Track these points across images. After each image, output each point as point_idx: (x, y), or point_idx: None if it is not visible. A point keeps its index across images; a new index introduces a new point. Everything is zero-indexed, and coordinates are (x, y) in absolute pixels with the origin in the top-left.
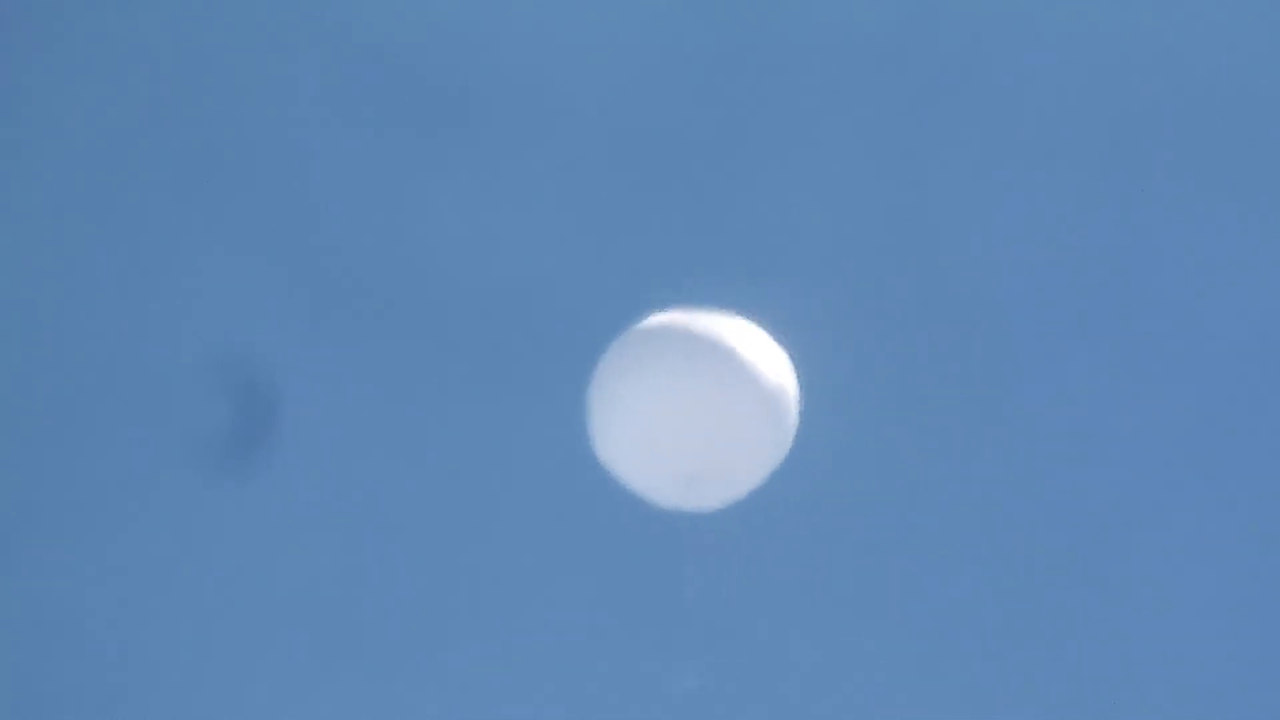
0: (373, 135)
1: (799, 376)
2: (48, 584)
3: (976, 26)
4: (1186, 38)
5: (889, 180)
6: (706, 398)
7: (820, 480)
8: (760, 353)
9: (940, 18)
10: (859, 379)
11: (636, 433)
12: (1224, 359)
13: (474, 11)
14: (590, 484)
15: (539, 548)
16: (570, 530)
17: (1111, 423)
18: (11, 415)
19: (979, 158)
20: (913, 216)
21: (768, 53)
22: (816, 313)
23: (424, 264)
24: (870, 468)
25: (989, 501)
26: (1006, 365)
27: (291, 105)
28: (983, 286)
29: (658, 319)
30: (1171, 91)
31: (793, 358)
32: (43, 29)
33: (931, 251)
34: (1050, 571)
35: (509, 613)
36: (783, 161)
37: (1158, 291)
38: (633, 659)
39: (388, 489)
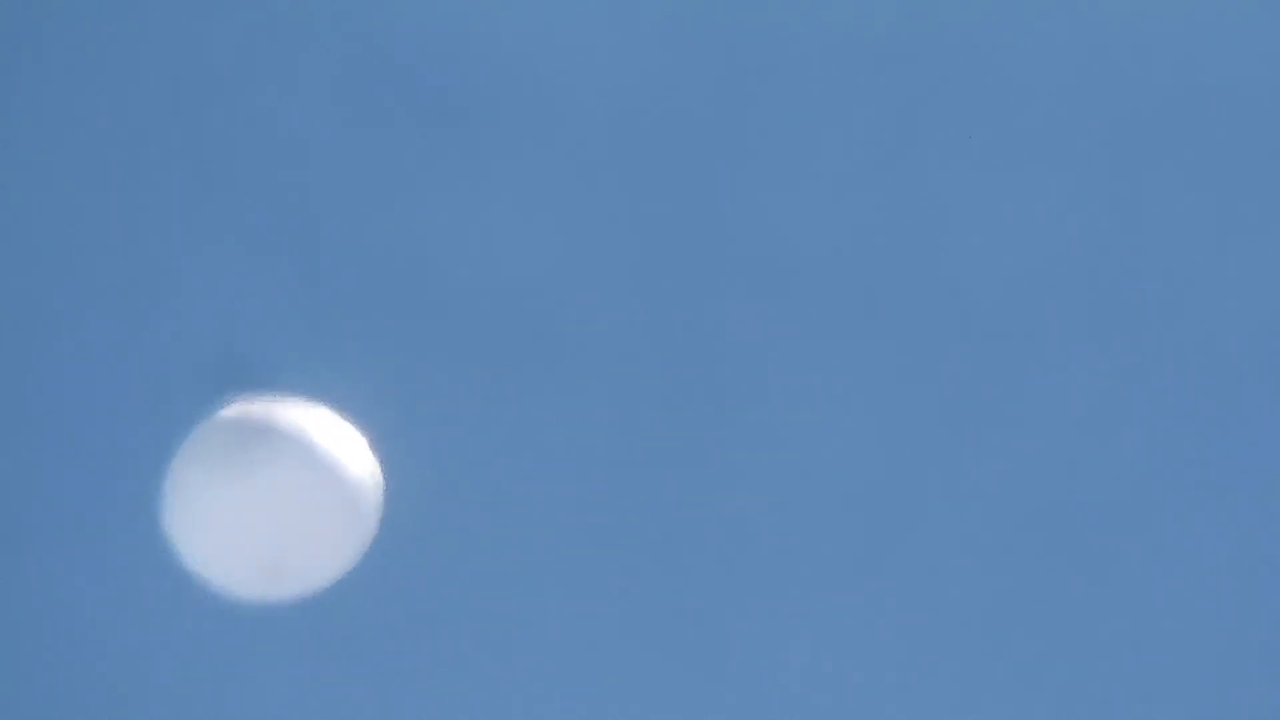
0: (373, 135)
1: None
2: (46, 584)
3: (976, 26)
4: (1186, 38)
5: (888, 181)
6: (285, 489)
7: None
8: (341, 442)
9: (940, 18)
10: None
11: (214, 526)
12: (1224, 359)
13: (474, 11)
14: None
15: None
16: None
17: (1108, 425)
18: (11, 415)
19: (977, 158)
20: (911, 217)
21: (768, 53)
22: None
23: (424, 264)
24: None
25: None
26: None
27: (292, 105)
28: (953, 294)
29: (235, 410)
30: (1171, 91)
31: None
32: (43, 28)
33: (927, 253)
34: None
35: None
36: (783, 162)
37: (1158, 291)
38: None
39: (386, 488)
